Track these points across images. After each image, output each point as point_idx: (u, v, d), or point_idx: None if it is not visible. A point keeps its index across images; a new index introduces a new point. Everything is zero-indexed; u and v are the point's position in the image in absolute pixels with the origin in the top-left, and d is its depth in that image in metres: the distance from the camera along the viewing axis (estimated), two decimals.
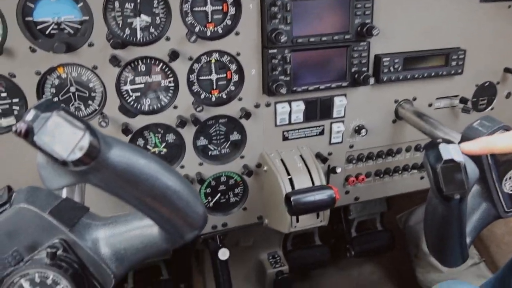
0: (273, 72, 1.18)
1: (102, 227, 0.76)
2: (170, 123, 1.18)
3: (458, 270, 1.72)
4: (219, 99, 1.21)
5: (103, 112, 1.12)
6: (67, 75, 1.09)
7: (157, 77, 1.15)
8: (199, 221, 0.68)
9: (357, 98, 1.32)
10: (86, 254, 0.72)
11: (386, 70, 1.27)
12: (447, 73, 1.34)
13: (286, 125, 1.28)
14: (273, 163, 1.24)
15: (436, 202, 0.86)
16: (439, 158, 0.81)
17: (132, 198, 0.63)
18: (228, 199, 1.35)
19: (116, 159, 0.58)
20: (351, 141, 1.37)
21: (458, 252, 0.90)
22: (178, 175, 0.66)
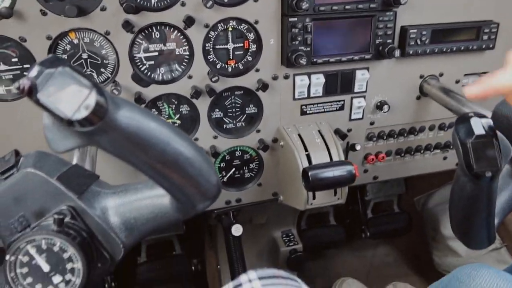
0: (293, 42, 1.12)
1: (111, 196, 0.73)
2: (184, 93, 1.14)
3: (477, 255, 1.67)
4: (236, 69, 1.16)
5: (115, 80, 1.09)
6: (79, 40, 1.05)
7: (171, 45, 1.10)
8: (212, 190, 0.64)
9: (380, 72, 1.25)
10: (94, 222, 0.69)
11: (413, 43, 1.20)
12: (477, 48, 1.26)
13: (305, 98, 1.23)
14: (290, 138, 1.20)
15: (465, 180, 0.80)
16: (470, 132, 0.76)
17: (142, 164, 0.59)
18: (243, 174, 1.31)
19: (124, 121, 0.54)
20: (372, 117, 1.31)
21: (485, 233, 0.86)
22: (191, 141, 0.62)
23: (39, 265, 0.64)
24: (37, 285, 0.65)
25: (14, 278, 0.64)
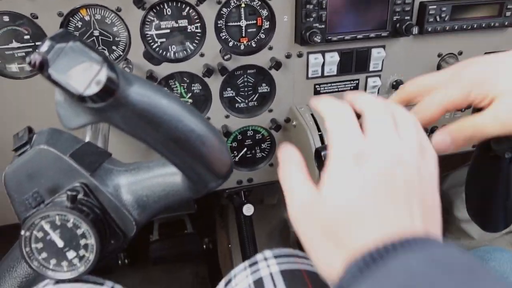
0: (307, 19, 1.09)
1: (124, 173, 0.73)
2: (196, 71, 1.13)
3: (491, 238, 1.66)
4: (248, 47, 1.14)
5: (127, 58, 1.08)
6: (90, 17, 1.04)
7: (183, 22, 1.08)
8: (224, 169, 0.64)
9: (397, 50, 1.22)
10: (107, 199, 0.70)
11: (432, 19, 1.16)
12: (500, 25, 1.21)
13: (319, 77, 1.20)
14: (303, 117, 1.18)
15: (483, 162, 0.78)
16: None
17: (154, 141, 0.59)
18: (255, 154, 1.30)
19: (136, 97, 0.54)
20: (387, 97, 1.28)
21: (502, 216, 0.84)
22: (203, 119, 0.61)
23: (54, 241, 0.65)
24: (52, 260, 0.66)
25: (29, 253, 0.65)
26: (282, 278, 0.64)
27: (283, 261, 0.68)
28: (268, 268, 0.66)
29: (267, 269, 0.66)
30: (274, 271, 0.65)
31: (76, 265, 0.66)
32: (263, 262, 0.68)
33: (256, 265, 0.68)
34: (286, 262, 0.68)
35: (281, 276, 0.65)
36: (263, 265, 0.67)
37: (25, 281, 0.73)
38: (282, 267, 0.66)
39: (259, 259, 0.70)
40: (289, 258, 0.69)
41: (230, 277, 0.70)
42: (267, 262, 0.68)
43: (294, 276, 0.65)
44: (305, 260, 0.70)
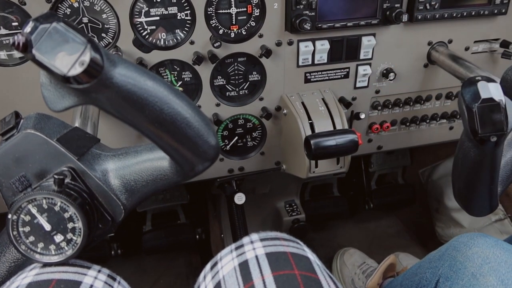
0: (297, 6, 1.09)
1: (112, 158, 0.73)
2: (186, 59, 1.12)
3: (481, 226, 1.67)
4: (239, 35, 1.14)
5: (117, 46, 1.07)
6: (79, 4, 1.03)
7: (173, 9, 1.08)
8: (210, 152, 0.64)
9: (387, 38, 1.22)
10: (95, 183, 0.70)
11: (422, 7, 1.16)
12: (489, 13, 1.22)
13: (309, 66, 1.21)
14: (293, 106, 1.18)
15: (469, 146, 0.79)
16: (477, 96, 0.74)
17: (140, 123, 0.59)
18: (246, 143, 1.31)
19: (121, 79, 0.54)
20: (378, 85, 1.29)
21: (487, 200, 0.85)
22: (189, 101, 0.61)
23: (41, 224, 0.65)
24: (39, 243, 0.66)
25: (16, 237, 0.65)
26: (267, 260, 0.65)
27: (269, 244, 0.69)
28: (253, 251, 0.67)
29: (252, 252, 0.67)
30: (260, 253, 0.66)
31: (64, 248, 0.66)
32: (249, 245, 0.69)
33: (242, 248, 0.69)
34: (272, 245, 0.68)
35: (266, 258, 0.65)
36: (249, 248, 0.68)
37: (14, 266, 0.73)
38: (268, 250, 0.67)
39: (246, 242, 0.70)
40: (274, 241, 0.70)
41: (216, 260, 0.71)
42: (253, 245, 0.68)
43: (279, 258, 0.65)
44: (291, 243, 0.70)
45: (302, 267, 0.64)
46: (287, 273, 0.63)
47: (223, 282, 0.65)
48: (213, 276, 0.67)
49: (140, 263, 1.95)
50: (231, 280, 0.64)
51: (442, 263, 0.91)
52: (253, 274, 0.63)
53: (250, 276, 0.63)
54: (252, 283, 0.62)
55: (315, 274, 0.65)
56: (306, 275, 0.63)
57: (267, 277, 0.62)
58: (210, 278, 0.68)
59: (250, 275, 0.63)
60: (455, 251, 0.89)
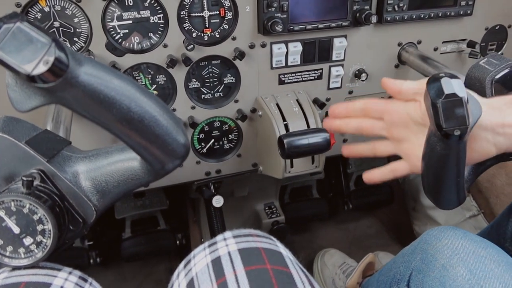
0: (269, 9, 1.11)
1: (83, 160, 0.73)
2: (160, 62, 1.13)
3: (456, 222, 1.71)
4: (212, 38, 1.15)
5: (89, 50, 1.07)
6: (50, 8, 1.03)
7: (145, 13, 1.08)
8: (180, 150, 0.65)
9: (358, 40, 1.25)
10: (65, 185, 0.69)
11: (390, 9, 1.20)
12: (455, 14, 1.26)
13: (283, 67, 1.22)
14: (268, 107, 1.20)
15: (435, 140, 0.81)
16: (441, 92, 0.76)
17: (107, 122, 0.59)
18: (222, 145, 1.31)
19: (86, 77, 0.54)
20: (351, 86, 1.32)
21: (455, 193, 0.87)
22: (157, 100, 0.62)
23: (9, 227, 0.65)
24: (8, 247, 0.65)
25: None
26: (239, 256, 0.65)
27: (242, 240, 0.69)
28: (226, 247, 0.67)
29: (225, 248, 0.67)
30: (232, 249, 0.67)
31: (34, 251, 0.66)
32: (222, 242, 0.69)
33: (215, 245, 0.69)
34: (245, 241, 0.69)
35: (239, 254, 0.66)
36: (222, 244, 0.68)
37: None
38: (240, 246, 0.67)
39: (219, 239, 0.71)
40: (247, 237, 0.70)
41: (189, 258, 0.71)
42: (226, 241, 0.69)
43: (251, 253, 0.66)
44: (264, 239, 0.71)
45: (274, 262, 0.65)
46: (259, 267, 0.63)
47: (196, 279, 0.65)
48: (186, 273, 0.67)
49: (120, 271, 1.92)
50: (204, 276, 0.64)
51: (414, 256, 0.93)
52: (225, 270, 0.63)
53: (222, 271, 0.63)
54: (224, 278, 0.62)
55: (287, 268, 0.65)
56: (278, 269, 0.64)
57: (239, 272, 0.63)
58: (183, 276, 0.68)
59: (223, 270, 0.63)
60: (426, 244, 0.91)
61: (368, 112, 0.88)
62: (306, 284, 0.64)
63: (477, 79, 0.97)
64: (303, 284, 0.64)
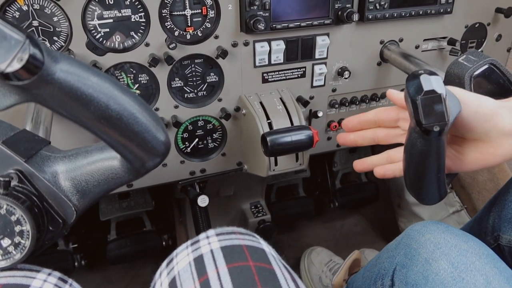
0: (251, 7, 1.11)
1: (62, 160, 0.72)
2: (142, 61, 1.12)
3: (440, 218, 1.73)
4: (194, 36, 1.14)
5: (69, 49, 1.06)
6: (28, 7, 1.01)
7: (126, 11, 1.07)
8: (160, 147, 0.64)
9: (341, 38, 1.26)
10: (44, 185, 0.68)
11: (372, 7, 1.21)
12: (436, 12, 1.27)
13: (266, 66, 1.22)
14: (252, 106, 1.20)
15: (415, 136, 0.82)
16: (420, 89, 0.77)
17: (85, 120, 0.58)
18: (206, 145, 1.31)
19: (62, 75, 0.53)
20: (334, 84, 1.32)
21: (436, 188, 0.88)
22: (136, 97, 0.61)
23: None
24: None
25: None
26: (222, 254, 0.65)
27: (224, 238, 0.69)
28: (209, 245, 0.67)
29: (208, 246, 0.67)
30: (215, 247, 0.66)
31: (12, 252, 0.64)
32: (204, 240, 0.69)
33: (197, 243, 0.69)
34: (228, 239, 0.69)
35: (221, 251, 0.65)
36: (204, 242, 0.68)
37: None
38: (223, 243, 0.67)
39: (202, 237, 0.71)
40: (230, 235, 0.70)
41: (172, 256, 0.70)
42: (209, 239, 0.69)
43: (234, 251, 0.66)
44: (246, 236, 0.71)
45: (257, 259, 0.65)
46: (242, 264, 0.63)
47: (178, 277, 0.64)
48: (169, 272, 0.67)
49: (105, 273, 1.90)
50: (186, 275, 0.64)
51: (398, 252, 0.94)
52: (207, 268, 0.63)
53: (204, 269, 0.63)
54: (207, 276, 0.62)
55: (270, 265, 0.65)
56: (260, 266, 0.64)
57: (222, 269, 0.62)
58: (165, 275, 0.67)
59: (205, 268, 0.63)
60: (410, 239, 0.92)
61: (382, 122, 0.87)
62: (289, 281, 0.64)
63: (457, 75, 0.98)
64: (285, 281, 0.64)
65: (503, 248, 0.99)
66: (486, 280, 0.76)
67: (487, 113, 0.72)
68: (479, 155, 0.76)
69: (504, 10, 1.36)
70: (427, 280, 0.82)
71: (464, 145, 0.78)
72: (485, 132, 0.73)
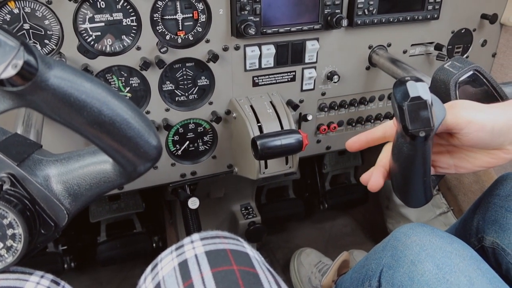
0: (242, 12, 1.12)
1: (54, 163, 0.72)
2: (133, 65, 1.13)
3: (427, 219, 1.76)
4: (186, 40, 1.15)
5: (60, 52, 1.06)
6: (19, 10, 1.01)
7: (118, 15, 1.08)
8: (152, 152, 0.65)
9: (330, 42, 1.28)
10: (36, 189, 0.69)
11: (361, 13, 1.23)
12: (423, 18, 1.30)
13: (256, 70, 1.24)
14: (242, 109, 1.21)
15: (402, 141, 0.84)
16: (406, 95, 0.79)
17: (78, 125, 0.59)
18: (197, 147, 1.32)
19: (56, 81, 0.54)
20: (324, 88, 1.34)
21: (422, 192, 0.90)
22: (128, 103, 0.62)
23: None
24: None
25: None
26: (206, 258, 0.65)
27: (209, 242, 0.69)
28: (193, 250, 0.67)
29: (192, 251, 0.67)
30: (199, 252, 0.67)
31: (4, 256, 0.65)
32: (189, 245, 0.69)
33: (182, 248, 0.69)
34: (212, 243, 0.69)
35: (206, 256, 0.66)
36: (189, 247, 0.69)
37: None
38: (207, 248, 0.68)
39: (186, 242, 0.71)
40: (214, 239, 0.71)
41: (156, 261, 0.71)
42: (193, 244, 0.69)
43: (218, 255, 0.66)
44: (231, 240, 0.72)
45: (241, 263, 0.66)
46: (226, 269, 0.64)
47: (163, 282, 0.65)
48: (153, 277, 0.67)
49: (95, 275, 1.90)
50: (171, 280, 0.64)
51: (385, 253, 0.96)
52: (192, 272, 0.63)
53: (189, 274, 0.63)
54: (191, 281, 0.62)
55: (254, 268, 0.66)
56: (244, 270, 0.65)
57: (206, 274, 0.63)
58: (150, 280, 0.68)
59: (189, 273, 0.63)
60: (396, 241, 0.94)
61: (389, 137, 0.89)
62: (273, 284, 0.66)
63: (442, 81, 1.00)
64: (269, 284, 0.65)
65: (487, 249, 1.02)
66: (470, 281, 0.79)
67: (502, 128, 0.75)
68: (490, 159, 0.79)
69: (489, 16, 1.39)
70: (412, 281, 0.84)
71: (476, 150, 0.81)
72: (499, 144, 0.77)
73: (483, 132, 0.75)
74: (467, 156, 0.84)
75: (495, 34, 1.47)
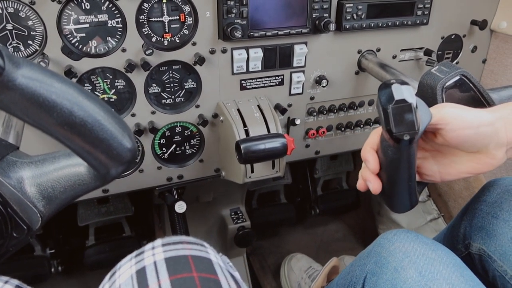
0: (229, 15, 1.11)
1: (28, 165, 0.71)
2: (118, 67, 1.11)
3: (417, 226, 1.75)
4: (172, 43, 1.14)
5: (44, 53, 1.05)
6: (2, 10, 1.00)
7: (103, 17, 1.07)
8: (125, 154, 0.64)
9: (319, 47, 1.27)
10: (9, 191, 0.67)
11: (349, 17, 1.22)
12: (412, 23, 1.30)
13: (244, 73, 1.23)
14: (229, 113, 1.20)
15: (387, 145, 0.83)
16: (391, 98, 0.78)
17: (48, 126, 0.58)
18: (184, 151, 1.30)
19: (24, 81, 0.53)
20: (312, 92, 1.33)
21: (407, 197, 0.89)
22: (102, 104, 0.61)
23: None
24: None
25: None
26: (165, 265, 0.63)
27: (170, 248, 0.67)
28: (153, 257, 0.65)
29: (151, 258, 0.65)
30: (159, 259, 0.65)
31: None
32: (149, 251, 0.67)
33: (141, 255, 0.67)
34: (173, 249, 0.67)
35: (165, 263, 0.64)
36: (149, 254, 0.66)
37: None
38: (168, 254, 0.65)
39: (147, 248, 0.69)
40: (176, 245, 0.68)
41: (115, 269, 0.69)
42: (154, 250, 0.67)
43: (178, 262, 0.64)
44: (194, 246, 0.70)
45: (201, 269, 0.64)
46: (185, 276, 0.62)
47: None
48: (110, 286, 0.65)
49: (83, 279, 1.88)
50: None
51: (369, 260, 0.95)
52: (149, 280, 0.61)
53: (146, 282, 0.61)
54: None
55: (215, 275, 0.64)
56: (205, 277, 0.63)
57: (164, 281, 0.61)
58: None
59: (146, 281, 0.61)
60: (380, 248, 0.93)
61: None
62: None
63: (429, 86, 1.00)
64: None
65: (474, 256, 1.01)
66: None
67: (487, 129, 0.74)
68: (475, 165, 0.78)
69: (478, 23, 1.39)
70: None
71: (461, 155, 0.80)
72: (485, 145, 0.76)
73: (469, 129, 0.74)
74: (451, 161, 0.83)
75: (485, 40, 1.47)
